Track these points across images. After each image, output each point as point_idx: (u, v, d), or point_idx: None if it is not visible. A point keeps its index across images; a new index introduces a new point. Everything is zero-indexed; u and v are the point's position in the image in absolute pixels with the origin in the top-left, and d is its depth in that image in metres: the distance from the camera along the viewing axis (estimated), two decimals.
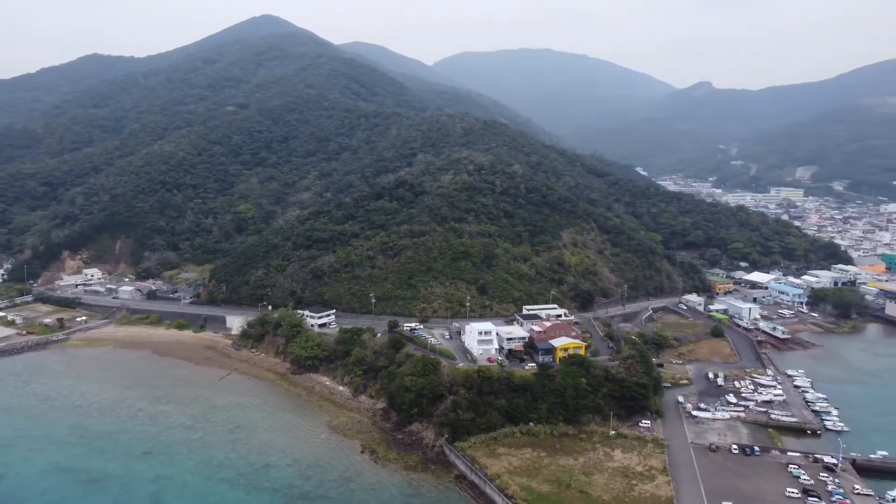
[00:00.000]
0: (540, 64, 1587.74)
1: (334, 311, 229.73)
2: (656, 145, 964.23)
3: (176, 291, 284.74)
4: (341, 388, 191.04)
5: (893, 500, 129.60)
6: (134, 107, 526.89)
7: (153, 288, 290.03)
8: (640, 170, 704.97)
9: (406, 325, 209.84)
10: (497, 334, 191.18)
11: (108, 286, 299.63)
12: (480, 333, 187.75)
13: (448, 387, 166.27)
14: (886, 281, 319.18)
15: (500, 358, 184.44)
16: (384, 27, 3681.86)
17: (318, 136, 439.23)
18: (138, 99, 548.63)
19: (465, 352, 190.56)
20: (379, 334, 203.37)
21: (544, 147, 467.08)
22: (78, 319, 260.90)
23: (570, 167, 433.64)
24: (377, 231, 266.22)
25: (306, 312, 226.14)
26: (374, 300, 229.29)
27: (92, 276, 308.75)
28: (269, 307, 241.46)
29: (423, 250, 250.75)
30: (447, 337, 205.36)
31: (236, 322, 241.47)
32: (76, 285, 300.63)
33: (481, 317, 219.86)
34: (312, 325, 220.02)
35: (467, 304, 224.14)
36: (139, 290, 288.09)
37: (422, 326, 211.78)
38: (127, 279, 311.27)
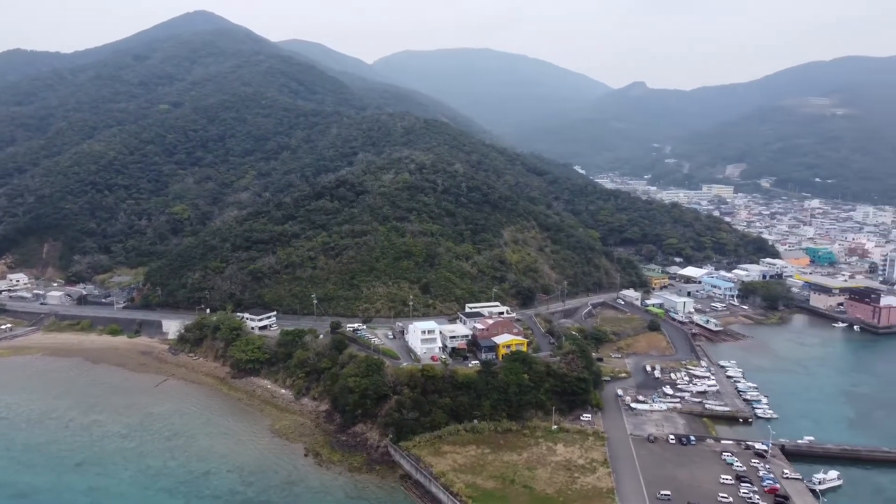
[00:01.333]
0: (479, 63, 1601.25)
1: (275, 313, 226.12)
2: (594, 144, 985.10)
3: (108, 296, 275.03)
4: (283, 390, 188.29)
5: (820, 483, 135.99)
6: (60, 104, 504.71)
7: (84, 293, 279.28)
8: (578, 168, 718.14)
9: (349, 325, 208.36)
10: (440, 333, 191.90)
11: (35, 292, 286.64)
12: (424, 332, 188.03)
13: (392, 387, 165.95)
14: (810, 273, 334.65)
15: (443, 356, 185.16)
16: (323, 25, 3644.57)
17: (256, 135, 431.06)
18: (65, 96, 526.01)
19: (409, 351, 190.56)
20: (321, 335, 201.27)
21: (485, 146, 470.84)
22: (2, 327, 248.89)
23: (511, 166, 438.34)
24: (318, 231, 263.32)
25: (246, 315, 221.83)
26: (315, 301, 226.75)
27: (17, 281, 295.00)
28: (208, 310, 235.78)
29: (365, 250, 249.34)
30: (390, 337, 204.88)
31: (173, 326, 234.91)
32: (0, 291, 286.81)
33: (424, 316, 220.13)
34: (253, 328, 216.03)
35: (410, 303, 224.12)
36: (69, 296, 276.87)
37: (365, 327, 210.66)
38: (56, 284, 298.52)
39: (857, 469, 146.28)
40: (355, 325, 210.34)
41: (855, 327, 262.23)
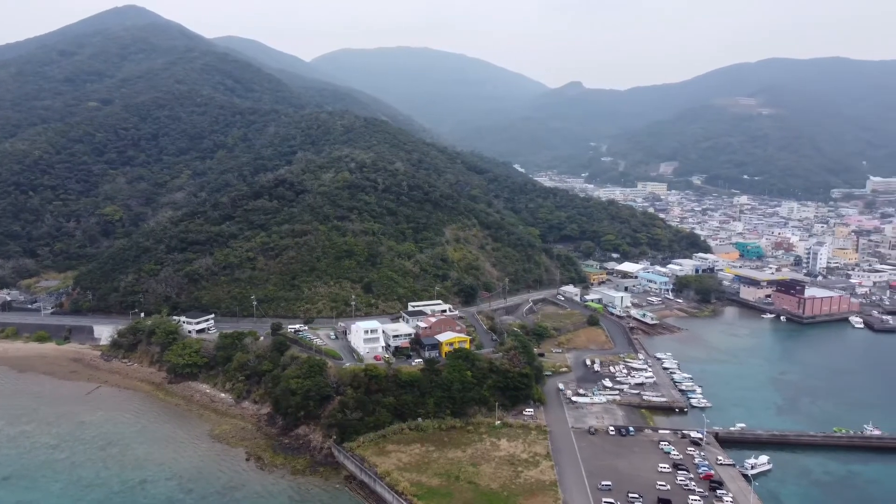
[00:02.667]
0: (418, 62, 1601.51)
1: (213, 315, 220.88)
2: (532, 143, 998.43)
3: (35, 301, 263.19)
4: (223, 395, 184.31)
5: (752, 468, 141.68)
6: None
7: (8, 298, 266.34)
8: (517, 166, 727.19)
9: (290, 326, 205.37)
10: (383, 332, 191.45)
11: None
12: (366, 332, 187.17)
13: (335, 387, 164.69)
14: (740, 267, 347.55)
15: (386, 356, 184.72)
16: (259, 22, 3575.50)
17: (191, 133, 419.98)
18: None
19: (352, 351, 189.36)
20: (262, 337, 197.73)
21: (425, 145, 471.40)
22: None
23: (451, 164, 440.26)
24: (257, 231, 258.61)
25: (183, 318, 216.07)
26: (255, 303, 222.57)
27: None
28: (142, 314, 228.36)
29: (306, 250, 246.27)
30: (333, 337, 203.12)
31: (105, 332, 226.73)
32: None
33: (367, 315, 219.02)
34: (190, 332, 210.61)
35: (352, 303, 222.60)
36: None
37: (306, 327, 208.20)
38: None
39: (785, 453, 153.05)
40: (297, 326, 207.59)
41: (781, 318, 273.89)
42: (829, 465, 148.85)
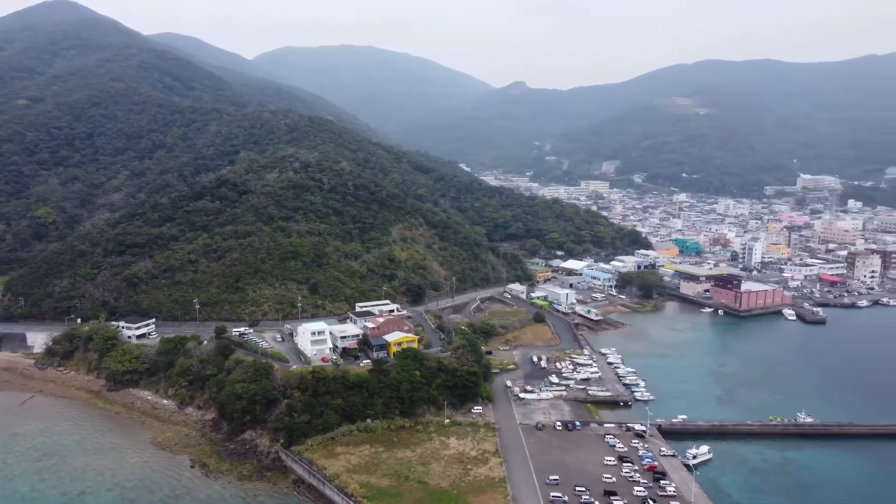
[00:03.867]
0: (363, 61, 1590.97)
1: (154, 320, 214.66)
2: (478, 142, 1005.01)
3: None
4: (165, 401, 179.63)
5: (693, 458, 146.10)
6: None
7: None
8: (463, 166, 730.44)
9: (235, 330, 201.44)
10: (331, 333, 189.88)
11: None
12: (313, 334, 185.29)
13: (282, 390, 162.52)
14: (680, 263, 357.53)
15: (334, 357, 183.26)
16: (198, 19, 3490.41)
17: (129, 132, 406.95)
18: None
19: (299, 353, 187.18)
20: (206, 342, 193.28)
21: (371, 144, 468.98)
22: None
23: (397, 164, 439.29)
24: (199, 233, 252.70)
25: (122, 323, 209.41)
26: (198, 306, 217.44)
27: None
28: (78, 320, 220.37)
29: (250, 251, 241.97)
30: (279, 339, 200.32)
31: (39, 339, 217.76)
32: None
33: (314, 317, 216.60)
34: (130, 337, 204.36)
35: (299, 304, 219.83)
36: None
37: (252, 330, 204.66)
38: None
39: (724, 443, 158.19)
40: (241, 329, 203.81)
41: (719, 311, 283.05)
42: (765, 453, 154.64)
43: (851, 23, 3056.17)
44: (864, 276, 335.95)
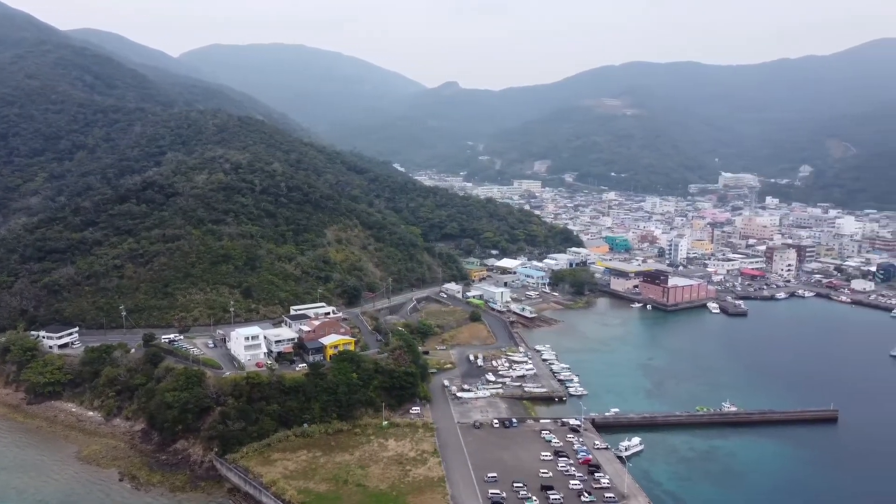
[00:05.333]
0: (294, 60, 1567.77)
1: (77, 328, 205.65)
2: (411, 142, 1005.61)
3: None
4: (91, 413, 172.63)
5: (626, 450, 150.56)
6: None
7: None
8: (397, 166, 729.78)
9: (164, 337, 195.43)
10: (265, 338, 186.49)
11: None
12: (247, 339, 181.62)
13: (215, 398, 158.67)
14: (610, 260, 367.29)
15: (269, 362, 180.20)
16: (119, 14, 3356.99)
17: (46, 133, 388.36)
18: None
19: (232, 359, 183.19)
20: (133, 350, 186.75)
21: (303, 144, 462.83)
22: None
23: (331, 164, 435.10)
24: (124, 237, 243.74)
25: (42, 333, 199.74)
26: (124, 313, 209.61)
27: None
28: None
29: (179, 255, 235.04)
30: (211, 345, 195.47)
31: None
32: None
33: (247, 321, 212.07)
34: (51, 347, 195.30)
35: (231, 309, 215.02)
36: None
37: (182, 337, 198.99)
38: None
39: (655, 434, 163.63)
40: (171, 335, 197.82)
41: (648, 306, 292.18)
42: (693, 442, 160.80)
43: (767, 29, 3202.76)
44: (782, 270, 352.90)
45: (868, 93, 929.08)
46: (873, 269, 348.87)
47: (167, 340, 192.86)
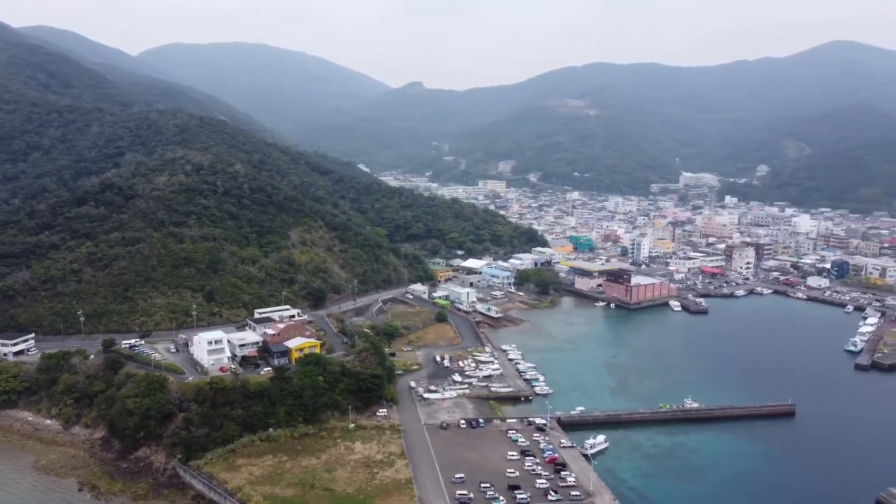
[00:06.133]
0: (256, 59, 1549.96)
1: (33, 335, 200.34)
2: (376, 142, 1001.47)
3: None
4: (48, 421, 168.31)
5: (591, 448, 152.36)
6: None
7: None
8: (362, 166, 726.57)
9: (125, 342, 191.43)
10: (228, 342, 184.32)
11: None
12: (210, 343, 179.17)
13: (178, 404, 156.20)
14: (574, 259, 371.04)
15: (233, 366, 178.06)
16: (76, 11, 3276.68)
17: None
18: None
19: (195, 364, 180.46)
20: (92, 356, 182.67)
21: (266, 145, 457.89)
22: None
23: (294, 165, 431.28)
24: (82, 241, 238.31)
25: None
26: (83, 318, 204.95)
27: None
28: None
29: (139, 259, 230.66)
30: (173, 350, 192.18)
31: None
32: None
33: (210, 325, 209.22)
34: (5, 355, 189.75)
35: (194, 313, 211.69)
36: None
37: (143, 342, 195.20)
38: None
39: (619, 431, 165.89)
40: (132, 341, 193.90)
41: (612, 305, 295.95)
42: (656, 439, 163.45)
43: (724, 31, 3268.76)
44: (741, 268, 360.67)
45: (822, 94, 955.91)
46: (828, 266, 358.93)
47: (128, 346, 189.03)
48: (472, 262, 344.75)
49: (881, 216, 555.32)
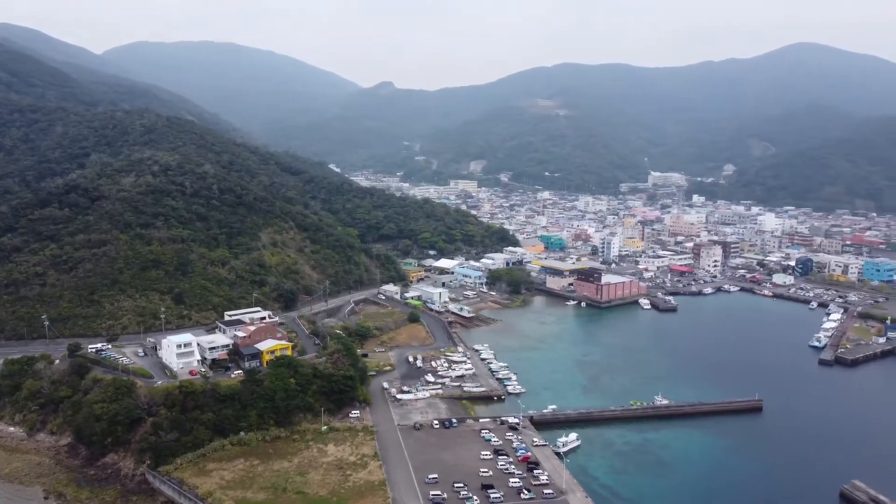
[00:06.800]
0: (225, 58, 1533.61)
1: None
2: (347, 142, 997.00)
3: None
4: (12, 428, 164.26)
5: (563, 445, 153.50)
6: None
7: None
8: (333, 166, 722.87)
9: (91, 346, 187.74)
10: (198, 345, 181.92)
11: None
12: (179, 346, 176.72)
13: (146, 408, 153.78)
14: (545, 258, 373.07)
15: (203, 369, 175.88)
16: (39, 9, 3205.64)
17: None
18: None
19: (164, 368, 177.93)
20: (57, 361, 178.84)
21: (235, 145, 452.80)
22: None
23: (264, 165, 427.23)
24: (46, 243, 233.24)
25: None
26: (47, 322, 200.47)
27: None
28: None
29: (106, 261, 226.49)
30: (142, 354, 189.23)
31: None
32: None
33: (179, 328, 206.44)
34: None
35: (162, 316, 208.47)
36: None
37: (110, 346, 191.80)
38: None
39: (591, 429, 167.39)
40: (99, 345, 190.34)
41: (583, 304, 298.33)
42: (628, 436, 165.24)
43: (691, 32, 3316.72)
44: (708, 266, 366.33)
45: (786, 95, 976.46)
46: (792, 263, 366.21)
47: (94, 350, 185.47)
48: (444, 263, 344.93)
49: (843, 214, 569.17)
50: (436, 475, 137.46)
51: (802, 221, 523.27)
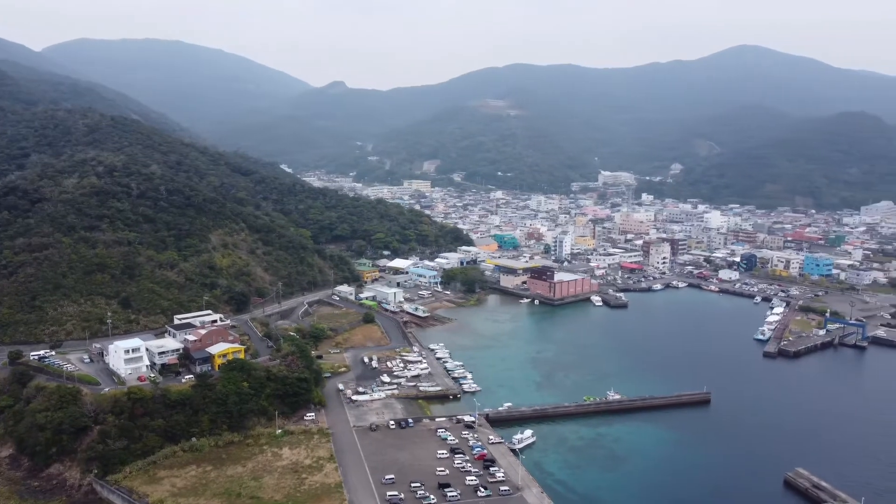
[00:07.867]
0: (171, 57, 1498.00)
1: None
2: (298, 142, 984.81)
3: None
4: None
5: (519, 442, 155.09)
6: None
7: None
8: (284, 167, 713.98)
9: (33, 353, 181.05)
10: (147, 350, 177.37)
11: None
12: (127, 351, 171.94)
13: (93, 416, 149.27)
14: (499, 257, 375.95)
15: (152, 375, 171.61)
16: None
17: None
18: None
19: (112, 374, 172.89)
20: None
21: (184, 145, 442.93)
22: None
23: (214, 166, 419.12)
24: None
25: None
26: None
27: None
28: None
29: (48, 265, 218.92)
30: (88, 360, 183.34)
31: None
32: None
33: (127, 333, 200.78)
34: None
35: (109, 321, 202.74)
36: None
37: (54, 353, 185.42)
38: None
39: (546, 425, 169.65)
40: (41, 352, 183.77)
41: (536, 301, 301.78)
42: (581, 431, 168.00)
43: (637, 34, 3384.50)
44: (657, 263, 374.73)
45: (729, 96, 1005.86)
46: (737, 259, 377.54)
47: (36, 357, 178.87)
48: (398, 263, 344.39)
49: (784, 211, 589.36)
50: (392, 476, 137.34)
51: (746, 219, 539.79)
